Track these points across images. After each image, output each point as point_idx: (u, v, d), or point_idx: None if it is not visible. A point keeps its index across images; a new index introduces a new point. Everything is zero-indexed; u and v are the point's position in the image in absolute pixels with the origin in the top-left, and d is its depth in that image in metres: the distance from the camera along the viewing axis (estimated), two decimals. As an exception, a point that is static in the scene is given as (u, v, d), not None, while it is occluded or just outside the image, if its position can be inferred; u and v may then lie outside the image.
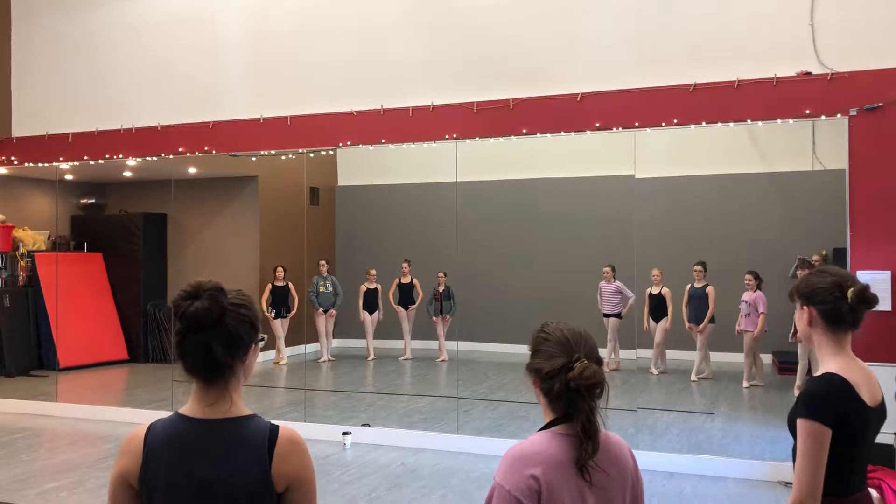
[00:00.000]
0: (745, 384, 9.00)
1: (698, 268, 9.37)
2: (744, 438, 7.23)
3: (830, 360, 2.36)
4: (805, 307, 2.41)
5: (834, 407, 2.27)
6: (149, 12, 9.12)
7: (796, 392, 8.66)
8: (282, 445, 1.89)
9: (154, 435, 1.90)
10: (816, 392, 2.31)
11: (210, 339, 1.85)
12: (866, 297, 2.32)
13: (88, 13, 9.46)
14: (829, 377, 2.32)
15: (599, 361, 1.92)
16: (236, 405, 1.92)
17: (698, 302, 9.36)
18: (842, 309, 2.34)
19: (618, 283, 9.89)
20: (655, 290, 9.66)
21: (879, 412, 2.37)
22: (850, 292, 2.33)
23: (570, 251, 10.70)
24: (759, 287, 8.93)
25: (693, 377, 9.33)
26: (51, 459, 7.02)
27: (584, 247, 10.70)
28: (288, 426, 1.95)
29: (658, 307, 9.65)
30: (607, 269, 10.01)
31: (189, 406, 1.92)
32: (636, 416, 7.46)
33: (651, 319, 9.67)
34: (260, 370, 10.88)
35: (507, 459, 1.91)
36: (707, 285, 9.35)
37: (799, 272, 9.62)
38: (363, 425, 7.68)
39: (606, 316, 9.98)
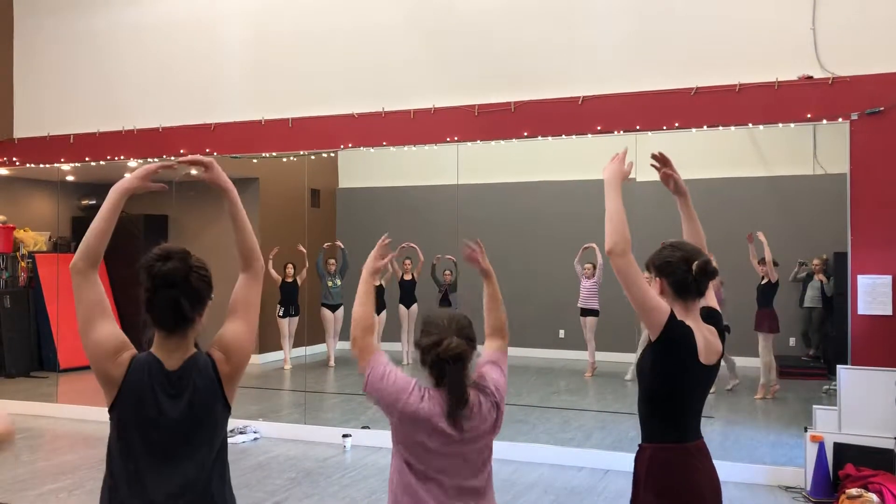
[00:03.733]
0: (728, 385, 8.99)
1: (695, 272, 9.34)
2: (743, 442, 7.22)
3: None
4: (657, 278, 2.81)
5: (680, 328, 2.64)
6: (150, 14, 9.12)
7: (760, 391, 8.75)
8: (215, 353, 2.28)
9: (135, 369, 2.17)
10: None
11: (178, 294, 2.16)
12: (707, 270, 2.72)
13: (90, 15, 9.47)
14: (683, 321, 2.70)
15: (469, 339, 2.40)
16: (191, 349, 2.25)
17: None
18: (687, 280, 2.73)
19: (597, 278, 9.95)
20: None
21: (710, 370, 2.73)
22: (694, 265, 2.71)
23: (571, 254, 10.68)
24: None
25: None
26: (51, 461, 7.02)
27: (584, 250, 10.70)
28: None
29: None
30: (588, 265, 10.06)
31: (160, 352, 2.21)
32: (635, 419, 7.44)
33: None
34: (260, 371, 10.88)
35: (403, 379, 2.40)
36: (705, 289, 9.33)
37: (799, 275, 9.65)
38: (363, 428, 7.68)
39: (583, 314, 9.97)
